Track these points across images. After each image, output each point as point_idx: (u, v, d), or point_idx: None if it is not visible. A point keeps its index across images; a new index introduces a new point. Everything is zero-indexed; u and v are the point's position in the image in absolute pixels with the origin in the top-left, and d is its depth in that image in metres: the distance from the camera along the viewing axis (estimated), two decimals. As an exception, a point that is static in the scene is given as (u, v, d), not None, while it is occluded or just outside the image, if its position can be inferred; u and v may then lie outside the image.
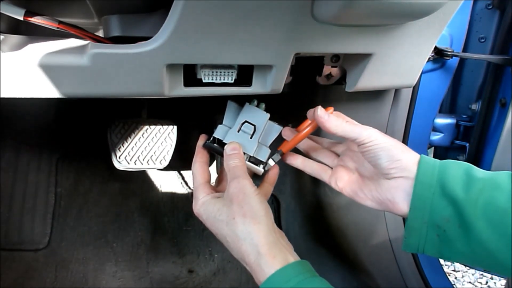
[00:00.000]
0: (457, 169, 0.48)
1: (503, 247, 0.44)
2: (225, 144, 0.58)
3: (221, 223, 0.50)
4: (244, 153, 0.58)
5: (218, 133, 0.60)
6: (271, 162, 0.60)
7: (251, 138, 0.60)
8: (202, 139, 0.61)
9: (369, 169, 0.55)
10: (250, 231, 0.47)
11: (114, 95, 0.51)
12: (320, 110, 0.54)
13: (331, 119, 0.54)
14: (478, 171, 0.48)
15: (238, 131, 0.60)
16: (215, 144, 0.59)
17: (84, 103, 0.96)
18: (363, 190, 0.55)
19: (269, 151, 0.61)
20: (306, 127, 0.59)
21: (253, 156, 0.60)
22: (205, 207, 0.52)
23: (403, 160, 0.49)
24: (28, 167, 1.02)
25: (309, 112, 0.59)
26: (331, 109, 0.58)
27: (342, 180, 0.58)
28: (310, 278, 0.45)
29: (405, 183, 0.50)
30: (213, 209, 0.51)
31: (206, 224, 0.53)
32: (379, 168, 0.52)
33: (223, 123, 0.61)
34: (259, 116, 0.62)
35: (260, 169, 0.60)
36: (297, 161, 0.62)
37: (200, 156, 0.59)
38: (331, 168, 0.60)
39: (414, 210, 0.48)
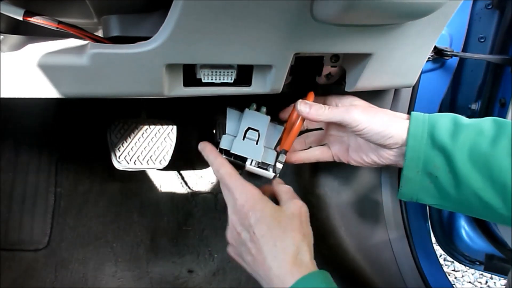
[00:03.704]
0: (445, 120, 0.52)
1: (487, 188, 0.48)
2: (232, 153, 0.58)
3: (278, 229, 0.50)
4: (252, 160, 0.59)
5: (224, 143, 0.59)
6: (279, 165, 0.60)
7: (256, 144, 0.60)
8: (210, 149, 0.59)
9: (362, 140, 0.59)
10: (305, 249, 0.50)
11: (114, 95, 0.51)
12: (299, 105, 0.58)
13: (312, 110, 0.57)
14: (464, 119, 0.52)
15: (243, 139, 0.60)
16: (223, 155, 0.59)
17: (83, 103, 0.96)
18: (366, 159, 0.59)
19: (275, 153, 0.62)
20: (297, 120, 0.60)
21: (261, 162, 0.60)
22: (263, 205, 0.52)
23: (395, 135, 0.53)
24: (28, 167, 1.02)
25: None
26: (311, 95, 0.60)
27: (343, 155, 0.63)
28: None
29: (402, 149, 0.54)
30: (273, 213, 0.52)
31: (258, 221, 0.51)
32: (374, 144, 0.56)
33: (226, 132, 0.61)
34: (261, 120, 0.62)
35: (270, 173, 0.60)
36: (301, 157, 0.64)
37: (222, 163, 0.57)
38: (329, 145, 0.65)
39: (409, 161, 0.53)
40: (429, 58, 0.84)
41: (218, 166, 0.56)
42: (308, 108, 0.57)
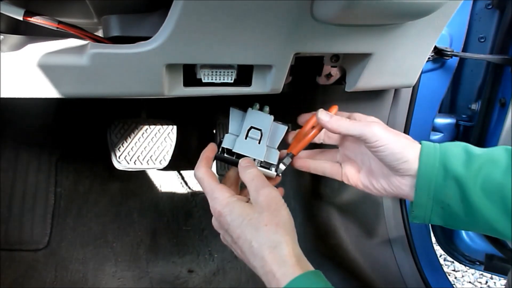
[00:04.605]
0: (456, 149, 0.52)
1: (500, 218, 0.48)
2: (234, 152, 0.58)
3: (250, 228, 0.49)
4: (255, 159, 0.59)
5: (226, 142, 0.59)
6: (282, 166, 0.60)
7: (259, 143, 0.60)
8: (211, 149, 0.59)
9: (377, 162, 0.56)
10: (281, 241, 0.48)
11: (114, 95, 0.51)
12: (320, 113, 0.57)
13: (333, 120, 0.56)
14: (475, 149, 0.52)
15: (246, 138, 0.60)
16: (225, 155, 0.59)
17: (83, 103, 0.96)
18: (375, 185, 0.58)
19: (278, 153, 0.61)
20: (313, 128, 0.60)
21: (263, 161, 0.60)
22: (230, 208, 0.51)
23: (410, 160, 0.52)
24: (28, 167, 1.02)
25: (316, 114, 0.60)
26: (335, 108, 0.59)
27: (353, 177, 0.61)
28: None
29: (414, 181, 0.52)
30: (241, 213, 0.50)
31: (230, 225, 0.51)
32: (387, 166, 0.54)
33: (229, 131, 0.61)
34: (264, 119, 0.62)
35: (272, 172, 0.60)
36: (308, 165, 0.63)
37: (205, 162, 0.57)
38: (340, 164, 0.63)
39: (420, 189, 0.51)
40: (429, 58, 0.84)
41: (196, 169, 0.57)
42: (329, 118, 0.56)
